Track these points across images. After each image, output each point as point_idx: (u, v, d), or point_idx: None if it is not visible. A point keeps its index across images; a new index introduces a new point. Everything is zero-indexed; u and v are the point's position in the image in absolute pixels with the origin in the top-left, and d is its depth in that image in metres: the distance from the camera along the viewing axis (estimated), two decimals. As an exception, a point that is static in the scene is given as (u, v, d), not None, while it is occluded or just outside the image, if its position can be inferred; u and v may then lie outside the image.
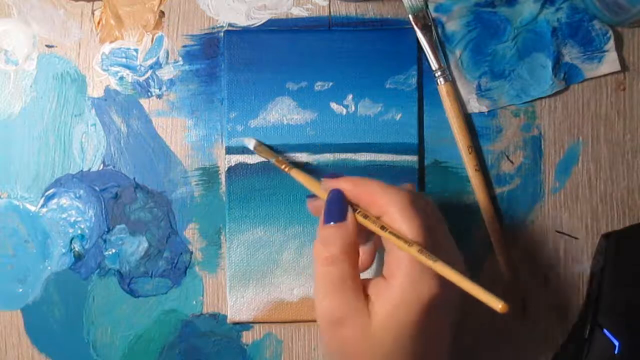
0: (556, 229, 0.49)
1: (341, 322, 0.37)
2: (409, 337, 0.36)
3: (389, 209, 0.37)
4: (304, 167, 0.49)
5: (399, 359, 0.37)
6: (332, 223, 0.38)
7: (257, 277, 0.49)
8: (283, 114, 0.49)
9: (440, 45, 0.49)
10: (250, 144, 0.48)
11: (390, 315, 0.36)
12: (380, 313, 0.36)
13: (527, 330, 0.49)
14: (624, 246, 0.47)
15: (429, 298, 0.36)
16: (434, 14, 0.49)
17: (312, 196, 0.43)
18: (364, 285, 0.38)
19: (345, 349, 0.38)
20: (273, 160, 0.47)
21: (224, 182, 0.50)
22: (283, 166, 0.46)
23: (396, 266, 0.36)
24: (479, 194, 0.48)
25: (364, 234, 0.41)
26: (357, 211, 0.39)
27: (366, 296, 0.37)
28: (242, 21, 0.50)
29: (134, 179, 0.50)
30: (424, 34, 0.49)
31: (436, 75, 0.49)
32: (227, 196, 0.49)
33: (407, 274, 0.36)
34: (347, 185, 0.39)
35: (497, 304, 0.32)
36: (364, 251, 0.42)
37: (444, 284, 0.36)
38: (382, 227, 0.37)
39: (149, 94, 0.50)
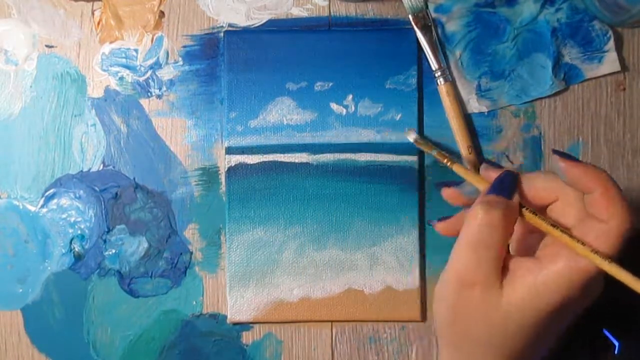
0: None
1: (472, 284, 0.36)
2: (535, 325, 0.36)
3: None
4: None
5: (515, 343, 0.36)
6: (500, 195, 0.37)
7: (257, 277, 0.49)
8: (283, 114, 0.49)
9: (440, 46, 0.49)
10: (411, 136, 0.48)
11: (530, 297, 0.35)
12: (519, 291, 0.35)
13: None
14: (624, 246, 0.47)
15: (574, 295, 0.35)
16: (434, 14, 0.49)
17: (449, 184, 0.42)
18: (505, 260, 0.37)
19: (466, 313, 0.37)
20: (434, 154, 0.46)
21: (224, 182, 0.50)
22: (445, 160, 0.45)
23: (557, 252, 0.35)
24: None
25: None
26: (525, 208, 0.38)
27: (505, 270, 0.36)
28: (242, 21, 0.50)
29: (134, 179, 0.50)
30: (424, 34, 0.49)
31: (436, 75, 0.49)
32: (227, 196, 0.49)
33: (566, 265, 0.35)
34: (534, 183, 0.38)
35: None
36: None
37: (592, 287, 0.36)
38: (553, 225, 0.36)
39: (149, 94, 0.50)
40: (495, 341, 0.37)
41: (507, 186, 0.37)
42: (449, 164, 0.44)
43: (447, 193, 0.42)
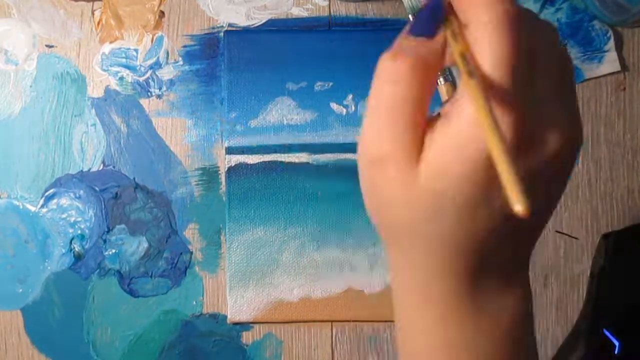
0: (556, 229, 0.49)
1: (382, 160, 0.27)
2: (462, 199, 0.26)
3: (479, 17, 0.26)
4: (305, 165, 0.49)
5: (445, 229, 0.27)
6: (414, 37, 0.28)
7: (257, 277, 0.49)
8: (283, 114, 0.49)
9: (440, 45, 0.49)
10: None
11: (440, 164, 0.26)
12: (430, 160, 0.26)
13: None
14: (624, 246, 0.47)
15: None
16: (434, 14, 0.49)
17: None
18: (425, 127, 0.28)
19: (382, 196, 0.28)
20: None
21: (224, 182, 0.50)
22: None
23: (461, 102, 0.26)
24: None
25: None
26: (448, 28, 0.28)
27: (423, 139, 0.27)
28: (242, 21, 0.50)
29: (134, 179, 0.50)
30: (424, 34, 0.49)
31: (436, 75, 0.49)
32: (227, 196, 0.49)
33: (472, 117, 0.25)
34: None
35: (515, 205, 0.22)
36: None
37: (529, 135, 0.26)
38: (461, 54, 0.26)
39: (149, 94, 0.50)
40: (420, 234, 0.28)
41: (425, 20, 0.29)
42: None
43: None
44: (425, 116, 0.27)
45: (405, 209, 0.28)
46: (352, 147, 0.49)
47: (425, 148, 0.27)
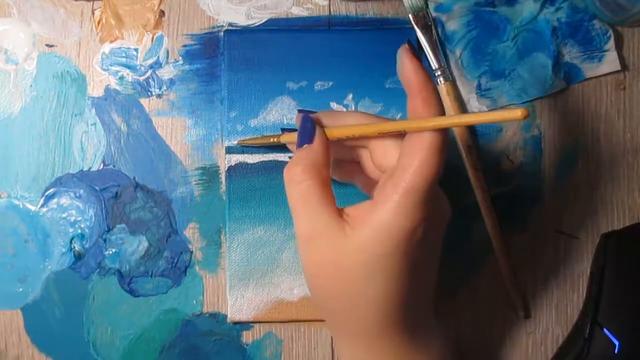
0: (556, 229, 0.49)
1: (312, 237, 0.37)
2: (387, 266, 0.35)
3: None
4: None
5: (375, 291, 0.36)
6: (302, 147, 0.39)
7: (257, 277, 0.49)
8: (283, 113, 0.49)
9: (441, 45, 0.49)
10: (234, 142, 0.49)
11: (371, 239, 0.35)
12: (361, 234, 0.35)
13: (527, 330, 0.49)
14: (624, 246, 0.47)
15: (416, 227, 0.35)
16: (434, 14, 0.49)
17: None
18: (341, 209, 0.37)
19: (316, 267, 0.37)
20: (258, 142, 0.47)
21: (224, 182, 0.50)
22: (271, 139, 0.46)
23: (388, 192, 0.35)
24: (479, 193, 0.48)
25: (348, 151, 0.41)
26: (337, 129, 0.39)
27: (342, 217, 0.36)
28: (242, 21, 0.50)
29: (134, 178, 0.50)
30: (424, 34, 0.49)
31: (436, 74, 0.49)
32: (227, 196, 0.49)
33: (397, 202, 0.34)
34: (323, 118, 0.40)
35: (516, 113, 0.31)
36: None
37: (432, 216, 0.35)
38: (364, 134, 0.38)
39: (149, 93, 0.50)
40: (355, 299, 0.36)
41: (303, 134, 0.39)
42: (275, 140, 0.45)
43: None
44: (331, 198, 0.37)
45: (339, 280, 0.36)
46: (352, 147, 0.49)
47: (355, 225, 0.35)
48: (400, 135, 0.37)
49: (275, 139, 0.45)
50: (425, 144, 0.34)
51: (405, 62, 0.36)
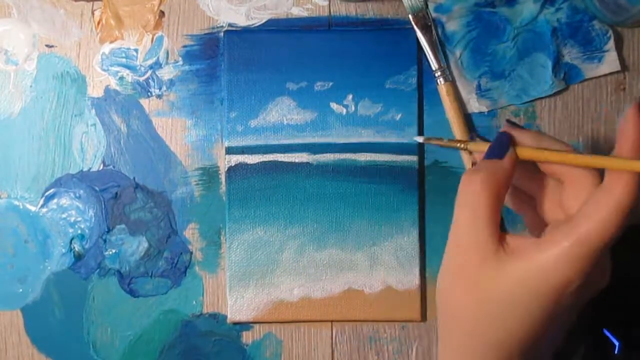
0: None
1: (464, 248, 0.36)
2: (531, 306, 0.34)
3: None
4: (306, 167, 0.49)
5: (507, 321, 0.35)
6: (488, 159, 0.37)
7: (257, 277, 0.49)
8: (283, 114, 0.49)
9: (440, 45, 0.49)
10: (420, 139, 0.47)
11: (528, 275, 0.34)
12: (518, 267, 0.34)
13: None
14: (624, 246, 0.47)
15: (575, 280, 0.34)
16: (434, 14, 0.49)
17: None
18: (502, 234, 0.36)
19: (456, 278, 0.36)
20: (446, 142, 0.43)
21: (224, 182, 0.50)
22: (459, 144, 0.42)
23: (560, 236, 0.34)
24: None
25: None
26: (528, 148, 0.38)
27: (500, 242, 0.35)
28: (242, 21, 0.50)
29: (134, 179, 0.50)
30: (424, 34, 0.49)
31: (436, 75, 0.49)
32: (227, 196, 0.49)
33: (567, 250, 0.33)
34: (527, 138, 0.38)
35: None
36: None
37: (592, 276, 0.34)
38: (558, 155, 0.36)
39: (149, 94, 0.50)
40: (483, 323, 0.35)
41: (496, 147, 0.37)
42: (462, 145, 0.42)
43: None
44: (498, 218, 0.36)
45: (476, 304, 0.35)
46: (352, 147, 0.49)
47: (513, 256, 0.34)
48: (599, 183, 0.35)
49: (462, 145, 0.42)
50: (614, 201, 0.33)
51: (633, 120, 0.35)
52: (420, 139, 0.47)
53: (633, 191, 0.33)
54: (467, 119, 0.49)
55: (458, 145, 0.42)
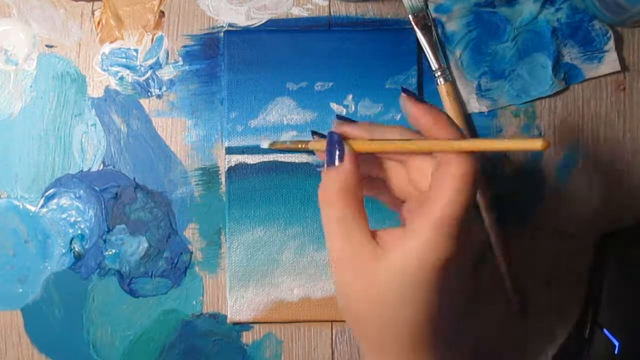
0: (556, 229, 0.49)
1: (344, 260, 0.37)
2: (416, 293, 0.35)
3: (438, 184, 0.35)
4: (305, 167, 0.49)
5: (407, 314, 0.36)
6: (331, 166, 0.38)
7: (257, 277, 0.49)
8: (283, 114, 0.49)
9: (440, 45, 0.49)
10: (264, 143, 0.48)
11: (402, 267, 0.35)
12: (393, 261, 0.35)
13: (527, 330, 0.49)
14: (623, 246, 0.47)
15: (448, 259, 0.34)
16: (434, 14, 0.49)
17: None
18: (374, 232, 0.37)
19: (348, 288, 0.37)
20: (288, 145, 0.46)
21: (224, 182, 0.50)
22: (300, 145, 0.44)
23: (419, 223, 0.35)
24: (479, 194, 0.48)
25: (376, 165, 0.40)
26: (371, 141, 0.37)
27: (375, 240, 0.36)
28: (242, 21, 0.50)
29: (134, 179, 0.50)
30: (424, 34, 0.49)
31: (436, 75, 0.49)
32: (227, 196, 0.49)
33: (428, 235, 0.34)
34: (355, 131, 0.38)
35: (536, 144, 0.31)
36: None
37: (463, 243, 0.35)
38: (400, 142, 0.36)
39: (149, 94, 0.50)
40: (386, 321, 0.36)
41: (332, 151, 0.37)
42: (302, 146, 0.43)
43: (318, 154, 0.42)
44: (365, 219, 0.37)
45: (372, 303, 0.36)
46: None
47: (388, 250, 0.35)
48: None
49: (303, 145, 0.44)
50: (454, 175, 0.34)
51: (411, 111, 0.36)
52: (265, 144, 0.48)
53: (467, 159, 0.34)
54: (467, 119, 0.49)
55: (300, 146, 0.43)
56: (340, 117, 0.40)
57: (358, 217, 0.37)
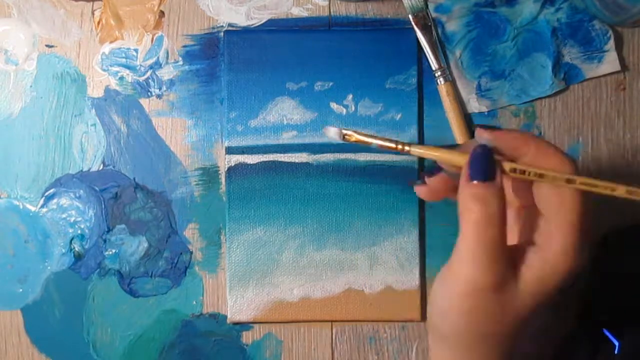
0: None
1: (485, 288, 0.34)
2: (534, 319, 0.35)
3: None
4: (305, 167, 0.49)
5: (516, 333, 0.36)
6: (479, 181, 0.34)
7: (257, 277, 0.49)
8: (283, 114, 0.49)
9: (440, 45, 0.49)
10: (332, 132, 0.37)
11: (540, 288, 0.34)
12: (531, 282, 0.34)
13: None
14: (624, 246, 0.47)
15: (572, 272, 0.34)
16: (434, 14, 0.49)
17: (416, 181, 0.39)
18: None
19: (480, 316, 0.35)
20: (376, 143, 0.37)
21: (224, 182, 0.50)
22: (395, 145, 0.36)
23: (552, 236, 0.34)
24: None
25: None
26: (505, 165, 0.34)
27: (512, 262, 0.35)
28: (242, 21, 0.50)
29: (134, 179, 0.50)
30: (424, 34, 0.49)
31: (436, 75, 0.49)
32: (227, 196, 0.49)
33: (563, 248, 0.34)
34: (505, 138, 0.35)
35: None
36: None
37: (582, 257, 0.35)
38: (541, 175, 0.34)
39: (149, 94, 0.50)
40: (502, 337, 0.36)
41: (486, 166, 0.34)
42: (400, 147, 0.36)
43: (418, 189, 0.38)
44: (507, 246, 0.34)
45: (497, 324, 0.35)
46: (352, 147, 0.49)
47: (521, 271, 0.34)
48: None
49: (400, 147, 0.36)
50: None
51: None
52: (333, 134, 0.37)
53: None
54: (467, 119, 0.49)
55: (396, 146, 0.36)
56: (481, 126, 0.36)
57: (504, 244, 0.34)
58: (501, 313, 0.35)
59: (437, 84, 0.49)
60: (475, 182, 0.34)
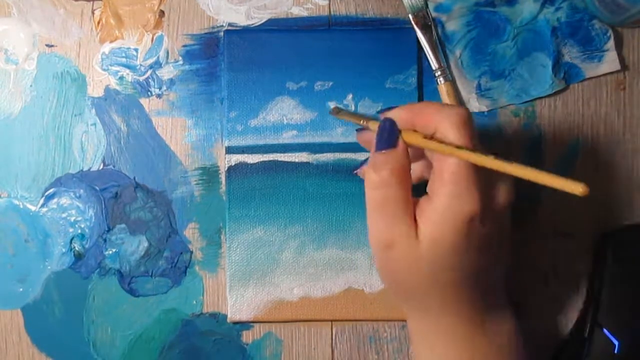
0: (556, 229, 0.49)
1: (390, 245, 0.38)
2: (454, 254, 0.37)
3: (442, 124, 0.37)
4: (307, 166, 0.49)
5: (447, 278, 0.38)
6: (383, 150, 0.38)
7: (257, 277, 0.49)
8: (283, 113, 0.49)
9: (440, 45, 0.49)
10: (331, 106, 0.48)
11: (434, 234, 0.36)
12: (426, 233, 0.37)
13: (527, 329, 0.49)
14: (624, 246, 0.47)
15: (471, 214, 0.36)
16: (434, 14, 0.49)
17: (361, 129, 0.44)
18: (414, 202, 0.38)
19: (395, 273, 0.39)
20: (352, 117, 0.46)
21: (224, 182, 0.50)
22: (362, 121, 0.44)
23: (438, 184, 0.36)
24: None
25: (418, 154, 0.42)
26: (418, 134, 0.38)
27: (415, 221, 0.38)
28: (242, 21, 0.50)
29: (134, 178, 0.50)
30: (424, 34, 0.49)
31: (436, 74, 0.49)
32: (227, 196, 0.49)
33: (449, 192, 0.36)
34: (401, 113, 0.39)
35: (577, 188, 0.33)
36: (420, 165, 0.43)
37: (486, 197, 0.36)
38: (431, 138, 0.37)
39: (149, 93, 0.50)
40: (429, 287, 0.38)
41: (387, 137, 0.38)
42: (363, 122, 0.43)
43: (358, 138, 0.44)
44: (412, 204, 0.37)
45: (415, 276, 0.38)
46: (352, 147, 0.49)
47: (419, 225, 0.37)
48: None
49: (364, 122, 0.43)
50: (452, 124, 0.36)
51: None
52: (331, 108, 0.48)
53: (456, 109, 0.37)
54: (467, 119, 0.49)
55: (361, 122, 0.43)
56: (383, 110, 0.41)
57: (407, 202, 0.37)
58: (408, 266, 0.38)
59: (437, 83, 0.49)
60: (377, 152, 0.38)
